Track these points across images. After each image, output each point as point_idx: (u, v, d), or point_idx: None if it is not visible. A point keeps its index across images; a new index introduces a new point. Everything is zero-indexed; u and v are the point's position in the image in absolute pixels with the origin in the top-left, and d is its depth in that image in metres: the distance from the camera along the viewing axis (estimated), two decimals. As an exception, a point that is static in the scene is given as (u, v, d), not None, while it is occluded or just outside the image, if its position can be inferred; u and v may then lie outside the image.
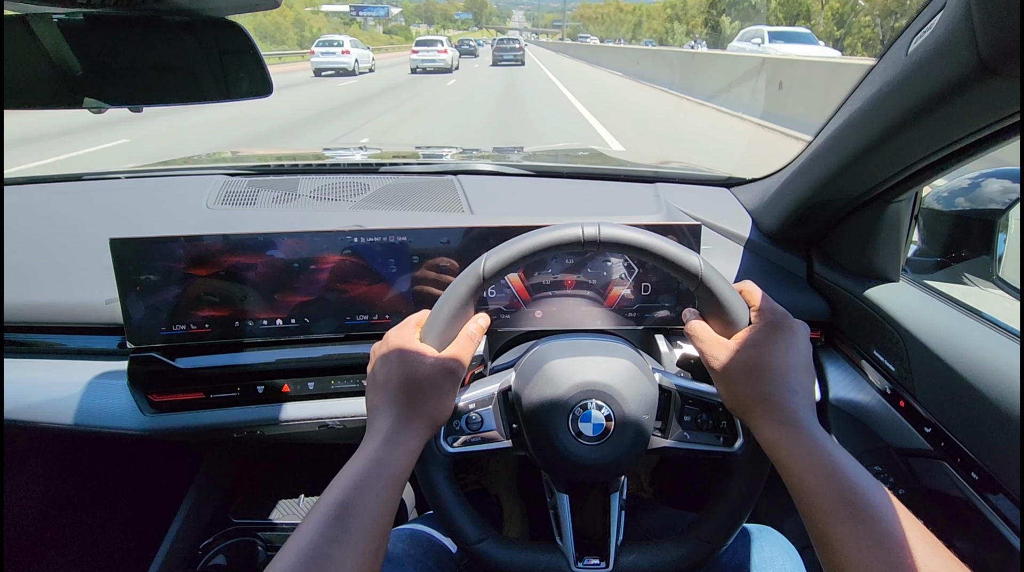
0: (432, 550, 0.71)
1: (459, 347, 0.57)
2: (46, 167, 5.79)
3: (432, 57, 20.17)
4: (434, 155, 1.39)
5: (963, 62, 0.45)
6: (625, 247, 0.57)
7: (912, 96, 0.53)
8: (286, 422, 0.85)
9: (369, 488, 0.48)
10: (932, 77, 0.49)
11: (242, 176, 1.14)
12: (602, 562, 0.60)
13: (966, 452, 0.64)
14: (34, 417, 0.85)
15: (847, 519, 0.44)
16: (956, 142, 0.56)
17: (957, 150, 0.58)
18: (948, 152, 0.58)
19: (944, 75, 0.48)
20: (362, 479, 0.49)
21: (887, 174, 0.67)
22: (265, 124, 8.72)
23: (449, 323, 0.58)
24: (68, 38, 0.61)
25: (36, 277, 0.91)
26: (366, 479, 0.49)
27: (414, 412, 0.54)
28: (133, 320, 0.77)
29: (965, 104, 0.49)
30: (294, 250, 0.78)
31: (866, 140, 0.63)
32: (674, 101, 11.67)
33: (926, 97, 0.51)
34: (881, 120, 0.59)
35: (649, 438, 0.61)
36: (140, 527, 1.20)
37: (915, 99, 0.53)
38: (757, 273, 0.94)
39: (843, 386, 0.86)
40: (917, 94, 0.52)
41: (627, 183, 1.15)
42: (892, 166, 0.65)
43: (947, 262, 0.94)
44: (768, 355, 0.53)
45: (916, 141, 0.59)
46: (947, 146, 0.57)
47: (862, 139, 0.64)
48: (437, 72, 20.29)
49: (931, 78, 0.50)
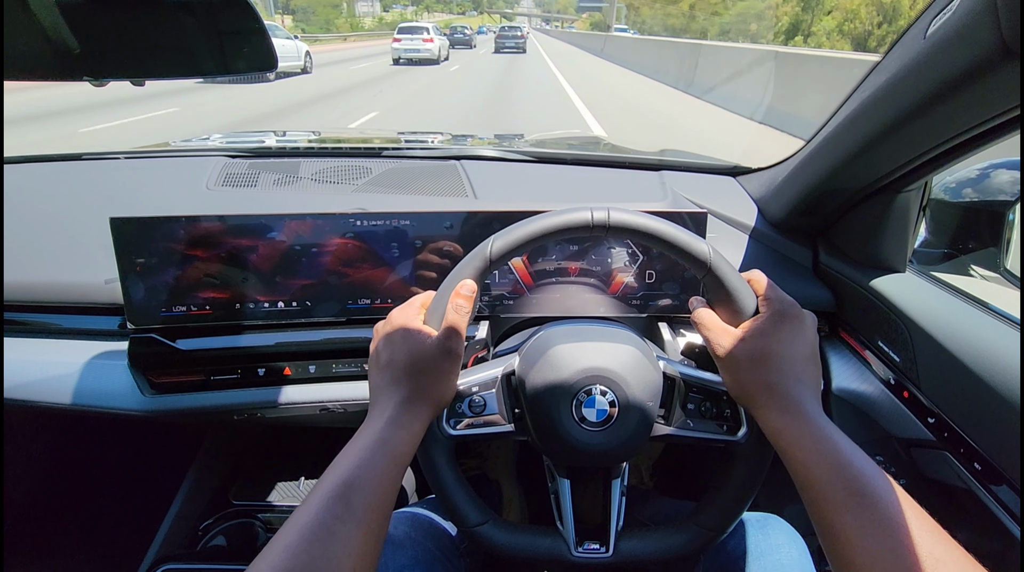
0: (433, 533, 0.72)
1: (449, 322, 0.55)
2: (116, 128, 6.86)
3: (416, 46, 17.99)
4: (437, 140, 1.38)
5: (984, 45, 0.44)
6: (634, 232, 0.56)
7: (930, 80, 0.52)
8: (286, 405, 0.85)
9: (372, 468, 0.48)
10: (952, 60, 0.48)
11: (242, 158, 1.13)
12: (602, 547, 0.61)
13: (969, 442, 0.63)
14: (34, 396, 0.85)
15: (852, 507, 0.44)
16: (973, 128, 0.55)
17: (974, 136, 0.56)
18: (964, 138, 0.57)
19: (964, 58, 0.47)
20: (366, 458, 0.49)
21: (900, 161, 0.66)
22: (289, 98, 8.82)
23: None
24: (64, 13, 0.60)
25: (35, 257, 0.90)
26: (370, 458, 0.49)
27: (417, 394, 0.54)
28: (133, 300, 0.77)
29: (985, 88, 0.48)
30: (296, 233, 0.77)
31: (880, 126, 0.62)
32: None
33: (945, 81, 0.50)
34: (896, 105, 0.58)
35: (652, 425, 0.60)
36: (141, 507, 1.20)
37: (933, 83, 0.52)
38: (762, 262, 0.93)
39: (847, 376, 0.85)
40: (935, 78, 0.51)
41: (632, 171, 1.14)
42: (906, 153, 0.64)
43: (954, 253, 0.93)
44: (775, 344, 0.53)
45: (932, 127, 0.58)
46: (964, 132, 0.56)
47: (875, 125, 0.63)
48: (423, 64, 17.79)
49: (951, 61, 0.48)
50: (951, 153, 0.61)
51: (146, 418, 0.84)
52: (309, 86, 12.15)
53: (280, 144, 1.28)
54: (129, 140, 6.33)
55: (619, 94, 11.94)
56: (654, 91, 12.11)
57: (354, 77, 14.17)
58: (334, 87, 11.96)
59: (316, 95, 10.72)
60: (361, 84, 12.62)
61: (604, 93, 11.85)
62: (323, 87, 11.93)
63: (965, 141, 0.58)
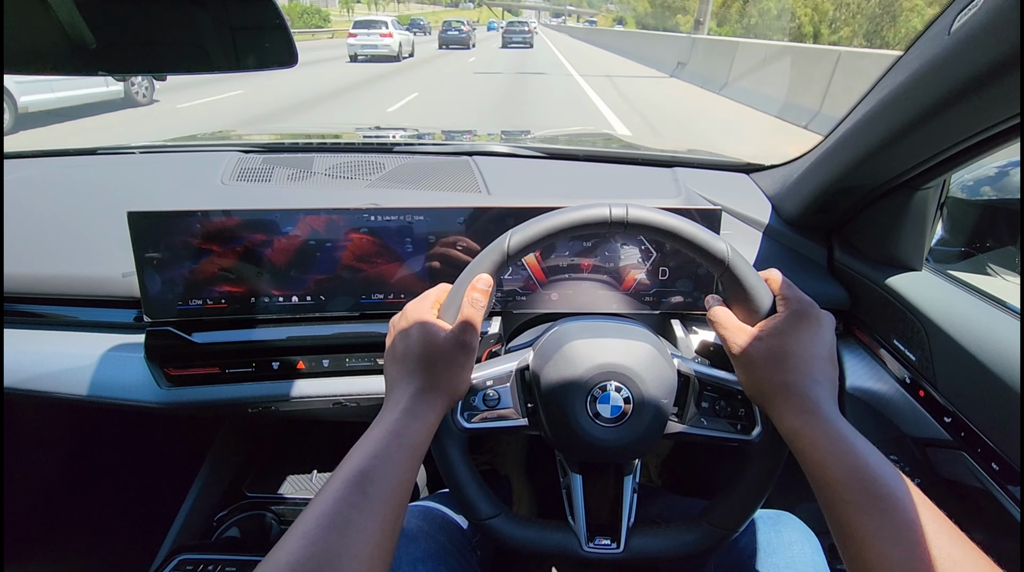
0: (445, 526, 0.72)
1: (465, 315, 0.56)
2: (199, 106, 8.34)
3: (373, 42, 16.86)
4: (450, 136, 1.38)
5: (1011, 41, 0.43)
6: (652, 229, 0.56)
7: (954, 76, 0.51)
8: (300, 399, 0.86)
9: (388, 458, 0.49)
10: (977, 57, 0.48)
11: (256, 153, 1.14)
12: (613, 543, 0.61)
13: (987, 442, 0.63)
14: (52, 388, 0.86)
15: (868, 508, 0.44)
16: (996, 125, 0.54)
17: (995, 134, 0.56)
18: (986, 136, 0.56)
19: (990, 54, 0.46)
20: (381, 449, 0.49)
21: (919, 159, 0.65)
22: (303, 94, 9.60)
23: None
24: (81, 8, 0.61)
25: (54, 250, 0.91)
26: (385, 449, 0.49)
27: (432, 386, 0.54)
28: (150, 294, 0.78)
29: (1009, 85, 0.47)
30: (310, 228, 0.77)
31: (900, 123, 0.62)
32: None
33: (969, 77, 0.50)
34: (918, 102, 0.58)
35: (666, 422, 0.60)
36: (157, 498, 1.22)
37: (957, 79, 0.51)
38: (776, 259, 0.92)
39: (861, 375, 0.85)
40: (960, 74, 0.50)
41: (645, 167, 1.13)
42: (926, 150, 0.64)
43: (971, 252, 0.92)
44: (792, 343, 0.52)
45: (954, 124, 0.57)
46: (986, 130, 0.55)
47: (896, 122, 0.62)
48: (378, 61, 16.57)
49: (975, 58, 0.48)
50: (972, 151, 0.60)
51: (162, 410, 0.85)
52: (356, 71, 13.68)
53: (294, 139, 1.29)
54: (215, 115, 7.87)
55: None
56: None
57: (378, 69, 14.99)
58: (374, 73, 13.49)
59: (361, 79, 12.45)
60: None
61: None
62: (367, 72, 13.51)
63: (986, 139, 0.57)
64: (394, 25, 17.90)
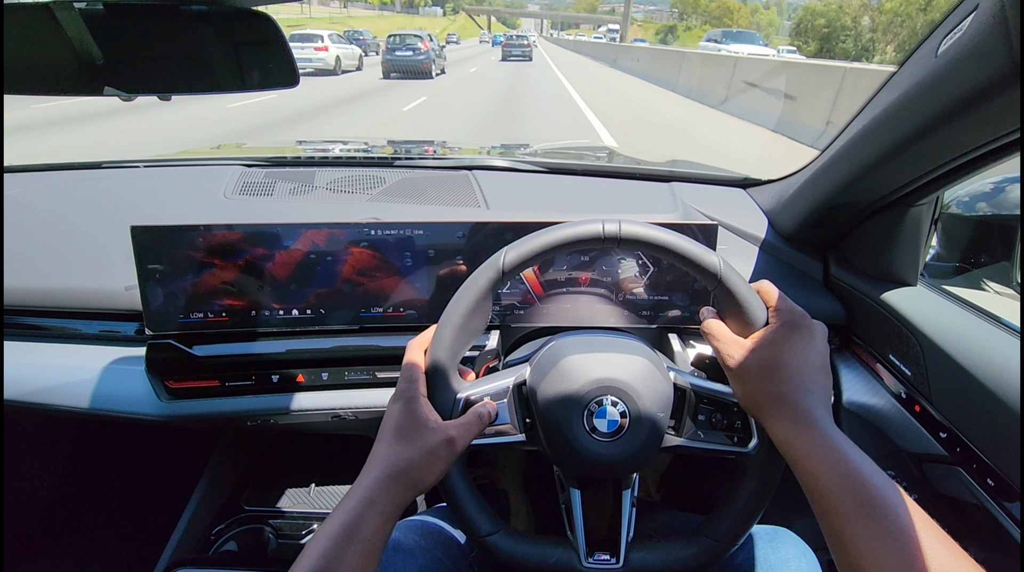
0: (443, 541, 0.72)
1: (466, 424, 0.57)
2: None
3: (307, 55, 15.84)
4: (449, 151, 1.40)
5: (996, 65, 0.44)
6: (645, 245, 0.57)
7: (942, 98, 0.52)
8: (299, 412, 0.86)
9: (340, 561, 0.48)
10: (963, 79, 0.49)
11: (259, 167, 1.15)
12: (612, 558, 0.61)
13: (982, 458, 0.63)
14: (52, 400, 0.86)
15: (862, 518, 0.44)
16: (985, 145, 0.55)
17: (985, 153, 0.57)
18: (976, 155, 0.58)
19: (976, 77, 0.47)
20: (332, 549, 0.48)
21: (912, 176, 0.66)
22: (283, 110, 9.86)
23: (468, 315, 0.58)
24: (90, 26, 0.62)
25: (56, 263, 0.92)
26: (335, 548, 0.49)
27: (400, 471, 0.53)
28: (152, 307, 0.78)
29: (996, 107, 0.48)
30: (311, 242, 0.78)
31: (892, 142, 0.63)
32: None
33: (956, 99, 0.51)
34: (908, 122, 0.59)
35: (663, 436, 0.61)
36: (155, 512, 1.21)
37: (945, 101, 0.52)
38: (772, 274, 0.93)
39: (857, 390, 0.85)
40: (947, 96, 0.52)
41: (642, 182, 1.15)
42: (918, 168, 0.65)
43: (966, 267, 0.93)
44: (785, 354, 0.53)
45: (944, 143, 0.58)
46: (976, 149, 0.57)
47: (887, 141, 0.63)
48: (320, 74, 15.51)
49: (962, 80, 0.49)
50: (963, 168, 0.62)
51: (162, 423, 0.86)
52: (368, 79, 14.99)
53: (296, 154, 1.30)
54: (262, 113, 8.60)
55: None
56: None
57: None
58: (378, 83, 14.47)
59: (371, 88, 13.28)
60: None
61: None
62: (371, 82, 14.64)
63: (977, 157, 0.58)
64: (330, 39, 16.90)
